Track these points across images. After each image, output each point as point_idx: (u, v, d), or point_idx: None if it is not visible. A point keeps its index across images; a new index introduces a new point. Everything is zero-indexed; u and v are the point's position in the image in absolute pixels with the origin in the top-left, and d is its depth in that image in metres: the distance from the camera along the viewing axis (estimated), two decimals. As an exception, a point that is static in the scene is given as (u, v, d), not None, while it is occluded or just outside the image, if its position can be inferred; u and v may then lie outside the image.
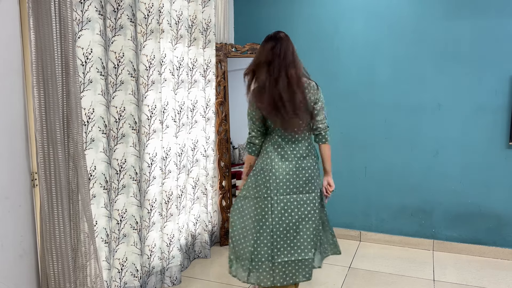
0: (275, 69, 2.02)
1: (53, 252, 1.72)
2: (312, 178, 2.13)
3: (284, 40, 2.06)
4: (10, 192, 1.67)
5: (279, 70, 2.02)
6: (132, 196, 2.35)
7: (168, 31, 2.61)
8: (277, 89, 2.01)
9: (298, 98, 2.02)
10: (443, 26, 3.10)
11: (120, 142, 2.28)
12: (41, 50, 1.64)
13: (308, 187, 2.12)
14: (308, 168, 2.12)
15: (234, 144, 3.51)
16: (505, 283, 2.77)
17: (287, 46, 2.05)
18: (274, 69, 2.02)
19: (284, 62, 2.03)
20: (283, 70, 2.02)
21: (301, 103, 2.03)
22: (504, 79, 3.00)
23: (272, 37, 2.08)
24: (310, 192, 2.12)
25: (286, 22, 3.51)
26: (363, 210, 3.47)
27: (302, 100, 2.03)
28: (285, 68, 2.02)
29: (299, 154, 2.12)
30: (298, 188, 2.11)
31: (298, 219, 2.10)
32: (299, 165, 2.11)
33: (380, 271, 2.95)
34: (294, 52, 2.08)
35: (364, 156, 3.41)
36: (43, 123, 1.67)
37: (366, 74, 3.33)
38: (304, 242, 2.10)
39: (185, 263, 2.98)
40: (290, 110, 2.02)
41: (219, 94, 3.31)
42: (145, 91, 2.42)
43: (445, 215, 3.25)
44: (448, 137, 3.18)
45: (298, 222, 2.10)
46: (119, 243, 2.34)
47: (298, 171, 2.11)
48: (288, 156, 2.11)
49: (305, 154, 2.13)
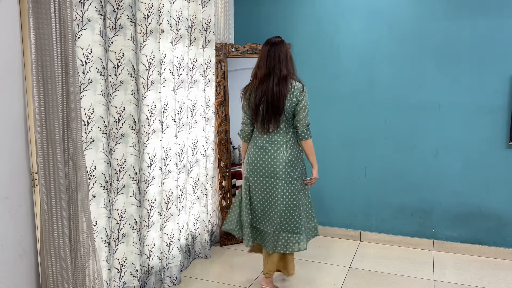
0: (268, 69, 2.37)
1: (51, 252, 1.72)
2: (282, 166, 2.40)
3: (278, 45, 2.39)
4: (10, 192, 1.67)
5: (271, 70, 2.36)
6: (132, 196, 2.35)
7: (168, 31, 2.61)
8: (265, 86, 2.36)
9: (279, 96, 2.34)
10: (443, 26, 3.10)
11: (120, 142, 2.28)
12: (41, 50, 1.64)
13: (278, 173, 2.40)
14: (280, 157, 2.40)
15: (234, 144, 3.51)
16: (505, 283, 2.77)
17: (280, 50, 2.37)
18: (268, 69, 2.37)
19: (277, 64, 2.36)
20: (277, 70, 2.35)
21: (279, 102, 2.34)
22: (504, 79, 3.00)
23: (268, 42, 2.42)
24: (280, 179, 2.40)
25: (286, 22, 3.51)
26: (363, 210, 3.47)
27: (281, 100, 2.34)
28: (279, 69, 2.35)
29: (273, 144, 2.41)
30: (269, 173, 2.42)
31: (269, 199, 2.46)
32: (271, 153, 2.42)
33: (380, 271, 2.95)
34: (287, 55, 2.39)
35: (364, 156, 3.41)
36: (43, 123, 1.67)
37: (366, 74, 3.33)
38: (271, 219, 2.46)
39: (185, 263, 2.98)
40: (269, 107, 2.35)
41: (219, 94, 3.31)
42: (145, 91, 2.42)
43: (445, 215, 3.25)
44: (448, 137, 3.18)
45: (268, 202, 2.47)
46: (118, 243, 2.34)
47: (270, 159, 2.42)
48: (262, 146, 2.44)
49: (279, 145, 2.41)
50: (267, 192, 2.45)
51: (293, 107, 2.36)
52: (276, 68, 2.34)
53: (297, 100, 2.35)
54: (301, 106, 2.36)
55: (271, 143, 2.41)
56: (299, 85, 2.37)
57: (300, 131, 2.39)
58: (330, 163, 3.47)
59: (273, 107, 2.34)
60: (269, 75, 2.35)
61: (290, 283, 2.77)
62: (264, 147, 2.43)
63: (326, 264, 3.06)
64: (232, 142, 3.48)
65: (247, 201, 2.54)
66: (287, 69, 2.36)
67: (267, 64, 2.36)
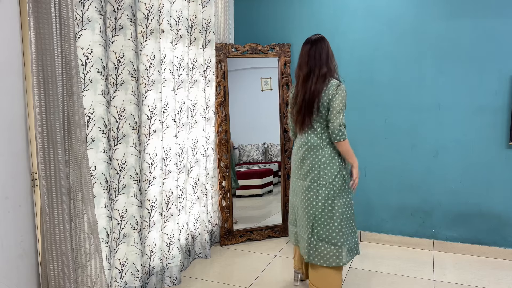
0: (309, 68, 2.30)
1: (53, 252, 1.72)
2: (315, 168, 2.31)
3: (319, 43, 2.33)
4: (10, 192, 1.67)
5: (311, 70, 2.30)
6: (133, 196, 2.36)
7: (168, 31, 2.61)
8: (308, 85, 2.29)
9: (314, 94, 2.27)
10: (444, 26, 3.10)
11: (121, 142, 2.28)
12: (41, 50, 1.64)
13: (310, 176, 2.32)
14: (313, 159, 2.32)
15: (234, 144, 3.51)
16: (505, 283, 2.77)
17: (322, 48, 2.31)
18: (309, 68, 2.31)
19: (317, 63, 2.29)
20: (317, 69, 2.29)
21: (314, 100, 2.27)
22: (504, 79, 3.00)
23: (308, 40, 2.36)
24: (312, 181, 2.31)
25: (286, 22, 3.51)
26: (363, 210, 3.47)
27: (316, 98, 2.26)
28: (319, 67, 2.28)
29: (307, 145, 2.33)
30: (303, 175, 2.36)
31: (301, 201, 2.37)
32: (305, 155, 2.34)
33: (380, 271, 2.96)
34: (328, 53, 2.32)
35: (364, 156, 3.41)
36: (43, 123, 1.67)
37: (366, 74, 3.33)
38: (303, 223, 2.38)
39: (185, 263, 2.98)
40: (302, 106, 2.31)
41: (219, 94, 3.31)
42: (145, 91, 2.42)
43: (445, 215, 3.26)
44: (448, 137, 3.18)
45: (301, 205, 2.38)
46: (119, 243, 2.34)
47: (305, 160, 2.34)
48: (298, 146, 2.39)
49: (313, 146, 2.31)
50: (300, 194, 2.37)
51: (327, 105, 2.26)
52: (316, 67, 2.28)
53: (331, 97, 2.24)
54: (335, 101, 2.22)
55: (305, 144, 2.33)
56: (335, 82, 2.27)
57: (331, 131, 2.24)
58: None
59: (306, 105, 2.29)
60: (310, 74, 2.29)
61: (289, 283, 2.77)
62: (300, 148, 2.36)
63: (326, 264, 3.06)
64: (232, 142, 3.48)
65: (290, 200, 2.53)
66: (328, 66, 2.29)
67: (308, 63, 2.30)
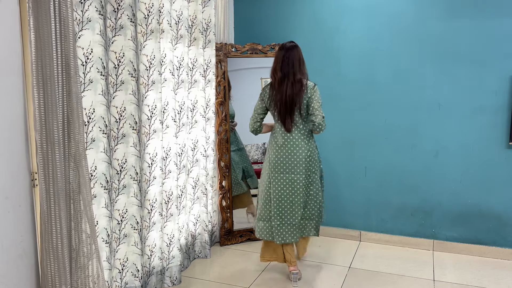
0: (283, 73, 2.60)
1: (50, 252, 1.71)
2: (310, 160, 2.66)
3: (292, 50, 2.62)
4: (10, 192, 1.66)
5: (285, 75, 2.59)
6: (133, 196, 2.35)
7: (168, 31, 2.61)
8: (282, 89, 2.59)
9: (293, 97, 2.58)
10: (444, 26, 3.10)
11: (121, 142, 2.28)
12: (41, 50, 1.63)
13: (304, 168, 2.64)
14: (299, 154, 2.63)
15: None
16: (505, 283, 2.77)
17: (294, 56, 2.60)
18: (283, 74, 2.60)
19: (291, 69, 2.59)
20: (291, 75, 2.58)
21: (296, 101, 2.58)
22: (504, 79, 3.00)
23: (283, 47, 2.65)
24: (301, 174, 2.64)
25: (286, 22, 3.51)
26: (363, 210, 3.47)
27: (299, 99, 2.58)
28: (293, 74, 2.58)
29: (293, 141, 2.63)
30: (293, 168, 2.64)
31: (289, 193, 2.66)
32: (295, 150, 2.63)
33: (380, 271, 2.96)
34: (300, 60, 2.62)
35: (364, 156, 3.41)
36: (43, 123, 1.67)
37: (366, 74, 3.33)
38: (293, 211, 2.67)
39: (185, 263, 2.98)
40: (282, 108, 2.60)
41: (219, 94, 3.31)
42: (145, 91, 2.42)
43: (445, 215, 3.26)
44: (448, 137, 3.18)
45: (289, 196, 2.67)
46: (119, 243, 2.34)
47: (294, 154, 2.63)
48: (282, 144, 2.64)
49: (297, 143, 2.63)
50: (288, 186, 2.65)
51: (306, 103, 2.60)
52: (290, 73, 2.58)
53: (310, 96, 2.59)
54: (314, 98, 2.58)
55: (289, 141, 2.63)
56: (310, 84, 2.63)
57: (317, 124, 2.56)
58: (330, 163, 3.47)
59: (287, 107, 2.59)
60: (284, 79, 2.59)
61: (290, 283, 2.77)
62: (284, 145, 2.64)
63: (326, 264, 3.06)
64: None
65: (267, 196, 2.72)
66: (301, 72, 2.61)
67: (282, 69, 2.59)
